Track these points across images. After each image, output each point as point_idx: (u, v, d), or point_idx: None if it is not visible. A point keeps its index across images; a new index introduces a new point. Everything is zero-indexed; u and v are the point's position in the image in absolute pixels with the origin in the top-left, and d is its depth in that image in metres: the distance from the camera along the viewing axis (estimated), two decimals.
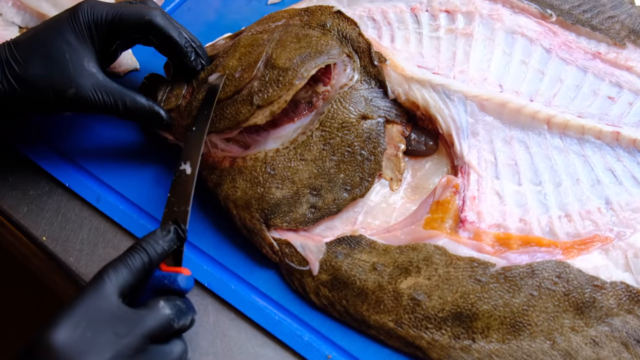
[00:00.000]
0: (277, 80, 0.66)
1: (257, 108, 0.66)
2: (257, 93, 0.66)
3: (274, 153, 0.67)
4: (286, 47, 0.68)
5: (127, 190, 0.72)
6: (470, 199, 0.65)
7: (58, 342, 0.47)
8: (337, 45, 0.69)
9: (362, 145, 0.67)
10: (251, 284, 0.65)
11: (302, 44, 0.68)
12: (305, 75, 0.66)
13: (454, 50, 0.73)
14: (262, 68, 0.67)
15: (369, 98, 0.69)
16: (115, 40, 0.68)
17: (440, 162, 0.71)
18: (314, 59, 0.67)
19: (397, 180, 0.69)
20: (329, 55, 0.68)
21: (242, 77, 0.68)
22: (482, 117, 0.69)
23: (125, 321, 0.50)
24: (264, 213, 0.65)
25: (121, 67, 0.79)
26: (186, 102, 0.70)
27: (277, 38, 0.70)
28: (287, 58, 0.67)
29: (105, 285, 0.51)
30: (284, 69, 0.66)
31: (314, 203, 0.66)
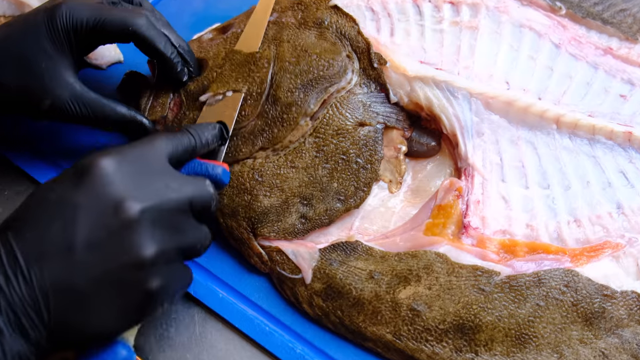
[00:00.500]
0: (281, 119, 0.67)
1: (259, 149, 0.67)
2: (260, 133, 0.67)
3: (262, 159, 0.67)
4: (285, 71, 0.69)
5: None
6: (474, 203, 0.66)
7: (107, 168, 0.48)
8: (339, 62, 0.70)
9: (358, 152, 0.67)
10: (240, 293, 0.66)
11: (302, 66, 0.69)
12: (309, 113, 0.67)
13: (458, 44, 0.73)
14: (264, 101, 0.68)
15: (368, 103, 0.70)
16: (96, 46, 0.67)
17: (442, 163, 0.71)
18: (317, 88, 0.68)
19: (396, 183, 0.70)
20: (333, 80, 0.69)
21: (245, 109, 0.68)
22: (487, 115, 0.69)
23: (176, 178, 0.51)
24: (251, 222, 0.65)
25: (104, 59, 0.79)
26: (173, 115, 0.70)
27: (275, 54, 0.70)
28: (288, 89, 0.68)
29: (157, 144, 0.53)
30: (287, 104, 0.67)
31: (304, 213, 0.66)
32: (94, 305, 0.46)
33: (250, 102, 0.68)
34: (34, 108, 0.63)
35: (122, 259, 0.46)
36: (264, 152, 0.67)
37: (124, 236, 0.46)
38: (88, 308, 0.46)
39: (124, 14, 0.64)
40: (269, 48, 0.71)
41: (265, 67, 0.69)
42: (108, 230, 0.46)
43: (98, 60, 0.79)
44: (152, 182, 0.49)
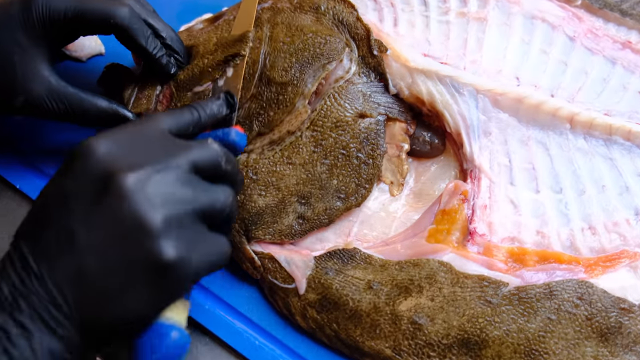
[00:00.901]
0: (277, 100, 0.67)
1: (257, 135, 0.67)
2: (256, 117, 0.67)
3: (257, 155, 0.67)
4: (280, 51, 0.68)
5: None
6: (481, 208, 0.66)
7: (100, 147, 0.48)
8: (336, 40, 0.69)
9: (359, 147, 0.67)
10: (228, 304, 0.65)
11: (297, 44, 0.68)
12: (307, 93, 0.67)
13: (465, 36, 0.73)
14: (257, 82, 0.68)
15: (368, 93, 0.69)
16: (75, 38, 0.67)
17: (447, 164, 0.71)
18: (313, 66, 0.68)
19: (398, 185, 0.69)
20: (330, 56, 0.68)
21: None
22: (495, 114, 0.69)
23: (175, 144, 0.51)
24: (244, 223, 0.65)
25: (84, 50, 0.79)
26: (163, 108, 0.70)
27: (268, 34, 0.70)
28: (282, 68, 0.67)
29: (157, 119, 0.54)
30: (282, 84, 0.67)
31: (302, 213, 0.66)
32: (112, 291, 0.46)
33: (242, 84, 0.68)
34: (7, 104, 0.62)
35: (126, 233, 0.46)
36: (260, 141, 0.67)
37: (124, 209, 0.46)
38: (106, 295, 0.46)
39: (105, 4, 0.63)
40: (262, 29, 0.71)
41: (257, 48, 0.69)
42: (106, 210, 0.46)
43: (77, 52, 0.79)
44: (149, 148, 0.49)
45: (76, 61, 0.80)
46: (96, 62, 0.80)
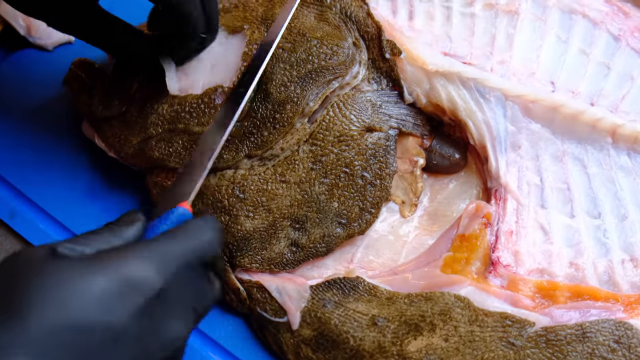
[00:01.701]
0: (273, 119, 0.66)
1: (244, 157, 0.66)
2: (247, 137, 0.66)
3: (245, 171, 0.67)
4: (279, 60, 0.68)
5: (51, 205, 0.72)
6: (506, 234, 0.65)
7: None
8: (345, 50, 0.69)
9: (365, 165, 0.67)
10: (211, 338, 0.65)
11: (299, 53, 0.68)
12: (307, 112, 0.67)
13: (492, 32, 0.72)
14: (252, 94, 0.66)
15: (378, 103, 0.69)
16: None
17: (468, 182, 0.71)
18: (317, 82, 0.67)
19: (410, 205, 0.69)
20: (337, 71, 0.68)
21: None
22: (526, 124, 0.69)
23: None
24: (228, 249, 0.65)
25: (50, 38, 0.79)
26: (138, 110, 0.69)
27: (265, 37, 0.69)
28: (281, 83, 0.67)
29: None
30: (280, 101, 0.66)
31: (295, 239, 0.65)
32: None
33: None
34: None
35: None
36: (249, 160, 0.67)
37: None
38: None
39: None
40: (259, 30, 0.70)
41: (252, 55, 0.68)
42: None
43: (43, 40, 0.79)
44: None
45: (41, 50, 0.80)
46: (64, 52, 0.80)
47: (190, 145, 0.66)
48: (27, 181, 0.73)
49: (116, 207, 0.73)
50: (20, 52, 0.73)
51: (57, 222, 0.71)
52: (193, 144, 0.66)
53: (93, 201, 0.72)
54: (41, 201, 0.72)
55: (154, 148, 0.68)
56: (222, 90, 0.67)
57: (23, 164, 0.75)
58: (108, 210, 0.72)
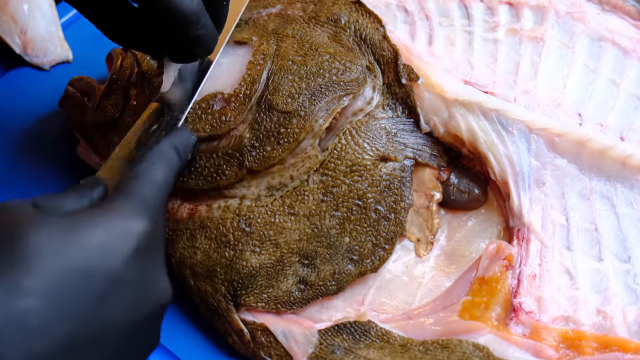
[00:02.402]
0: (277, 133, 0.65)
1: (247, 173, 0.65)
2: (248, 150, 0.65)
3: (252, 202, 0.66)
4: (287, 71, 0.67)
5: None
6: (529, 278, 0.64)
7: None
8: (358, 68, 0.68)
9: (379, 197, 0.66)
10: None
11: (309, 66, 0.67)
12: (316, 130, 0.66)
13: (516, 60, 0.72)
14: (255, 105, 0.66)
15: (393, 131, 0.69)
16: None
17: (488, 220, 0.70)
18: (326, 96, 0.66)
19: (426, 243, 0.69)
20: (348, 88, 0.67)
21: (225, 114, 0.66)
22: (551, 159, 0.68)
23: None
24: (232, 286, 0.64)
25: (47, 56, 0.79)
26: (131, 116, 0.69)
27: (274, 49, 0.69)
28: (289, 94, 0.66)
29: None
30: (286, 113, 0.65)
31: (304, 277, 0.65)
32: None
33: (234, 104, 0.66)
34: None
35: None
36: (255, 187, 0.66)
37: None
38: None
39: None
40: (268, 42, 0.70)
41: (260, 64, 0.68)
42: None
43: (39, 58, 0.79)
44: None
45: (37, 69, 0.80)
46: (61, 71, 0.80)
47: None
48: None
49: None
50: (16, 71, 0.73)
51: None
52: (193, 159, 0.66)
53: None
54: None
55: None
56: (222, 96, 0.67)
57: (17, 185, 0.75)
58: None
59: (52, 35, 0.79)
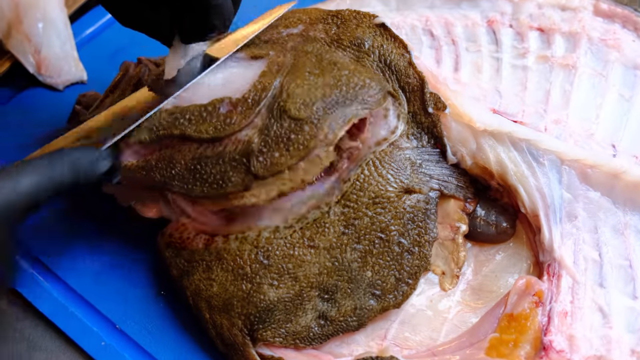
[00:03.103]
0: (287, 139, 0.64)
1: (255, 178, 0.64)
2: (255, 155, 0.64)
3: (270, 233, 0.66)
4: (303, 80, 0.66)
5: (56, 262, 0.73)
6: (560, 316, 0.64)
7: None
8: (378, 84, 0.68)
9: (402, 230, 0.66)
10: None
11: (326, 78, 0.67)
12: (329, 139, 0.65)
13: (547, 88, 0.72)
14: (265, 111, 0.66)
15: (418, 162, 0.69)
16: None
17: (517, 254, 0.70)
18: (343, 106, 0.66)
19: (452, 277, 0.69)
20: (367, 102, 0.66)
21: (231, 117, 0.66)
22: (584, 191, 0.68)
23: None
24: (249, 320, 0.64)
25: (60, 77, 0.80)
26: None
27: (291, 62, 0.69)
28: (303, 102, 0.65)
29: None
30: (298, 119, 0.65)
31: (324, 312, 0.65)
32: None
33: (241, 108, 0.66)
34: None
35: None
36: (264, 194, 0.65)
37: None
38: None
39: None
40: (284, 55, 0.70)
41: (273, 74, 0.67)
42: None
43: (53, 78, 0.79)
44: None
45: (51, 89, 0.80)
46: (75, 92, 0.80)
47: (194, 166, 0.65)
48: (26, 231, 0.74)
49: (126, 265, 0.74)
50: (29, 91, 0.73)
51: (59, 279, 0.72)
52: (197, 165, 0.65)
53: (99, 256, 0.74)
54: (41, 254, 0.73)
55: (155, 169, 0.66)
56: (230, 100, 0.66)
57: (39, 227, 0.75)
58: (117, 270, 0.73)
59: (67, 54, 0.80)
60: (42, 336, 0.69)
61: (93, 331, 0.69)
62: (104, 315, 0.70)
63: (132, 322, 0.69)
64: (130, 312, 0.70)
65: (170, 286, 0.70)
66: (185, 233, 0.68)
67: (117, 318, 0.70)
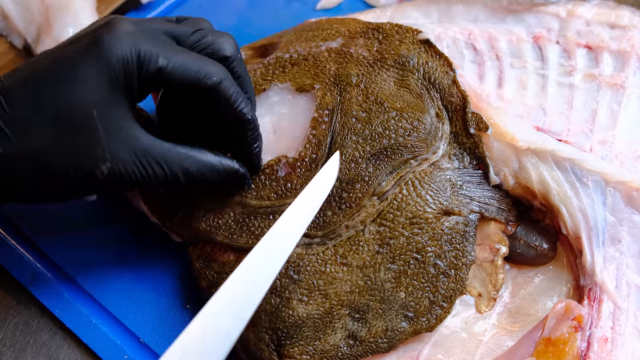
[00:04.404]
0: (340, 198, 0.67)
1: (304, 237, 0.67)
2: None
3: (302, 249, 0.67)
4: (351, 131, 0.69)
5: (79, 272, 0.74)
6: (600, 342, 0.64)
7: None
8: (427, 123, 0.70)
9: (439, 252, 0.67)
10: None
11: (375, 126, 0.69)
12: (378, 192, 0.67)
13: (594, 107, 0.73)
14: (320, 167, 0.68)
15: (459, 183, 0.70)
16: (152, 90, 0.67)
17: (557, 277, 0.70)
18: (392, 160, 0.68)
19: (488, 299, 0.69)
20: (416, 151, 0.69)
21: (291, 181, 0.68)
22: (628, 215, 0.69)
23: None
24: (276, 335, 0.65)
25: None
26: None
27: (338, 102, 0.70)
28: (352, 158, 0.68)
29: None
30: (349, 180, 0.67)
31: (354, 331, 0.65)
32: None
33: (300, 170, 0.68)
34: (86, 179, 0.61)
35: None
36: (307, 238, 0.67)
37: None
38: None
39: (201, 59, 0.63)
40: (331, 92, 0.71)
41: (325, 122, 0.70)
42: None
43: None
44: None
45: None
46: None
47: (243, 218, 0.67)
48: (53, 243, 0.75)
49: (150, 277, 0.75)
50: None
51: (83, 291, 0.74)
52: (246, 218, 0.67)
53: (126, 269, 0.75)
54: (67, 266, 0.74)
55: (201, 219, 0.69)
56: (287, 161, 0.68)
57: (50, 223, 0.77)
58: (141, 282, 0.74)
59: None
60: (62, 346, 0.70)
61: (116, 344, 0.70)
62: (127, 328, 0.71)
63: (156, 335, 0.71)
64: (155, 326, 0.71)
65: (196, 298, 0.71)
66: (217, 246, 0.69)
67: (141, 331, 0.71)
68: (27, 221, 0.77)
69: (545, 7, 0.81)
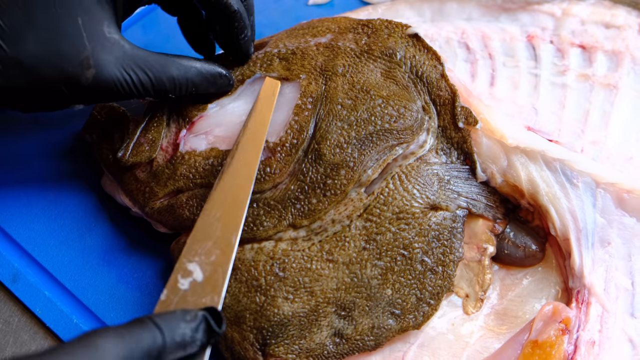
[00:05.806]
0: (324, 185, 0.68)
1: (289, 226, 0.68)
2: (292, 203, 0.68)
3: (288, 245, 0.68)
4: (336, 117, 0.70)
5: (60, 270, 0.76)
6: (587, 345, 0.66)
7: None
8: (414, 114, 0.71)
9: (426, 248, 0.68)
10: None
11: (360, 112, 0.70)
12: (364, 181, 0.69)
13: (586, 107, 0.74)
14: (301, 156, 0.69)
15: (446, 178, 0.71)
16: (136, 7, 0.72)
17: (545, 279, 0.72)
18: (378, 146, 0.69)
19: (476, 300, 0.70)
20: (402, 137, 0.70)
21: (270, 165, 0.69)
22: (619, 217, 0.70)
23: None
24: (261, 334, 0.66)
25: None
26: (166, 160, 0.72)
27: (323, 91, 0.72)
28: (337, 144, 0.69)
29: (101, 349, 0.50)
30: (334, 165, 0.68)
31: (340, 329, 0.66)
32: None
33: (280, 155, 0.69)
34: (70, 87, 0.64)
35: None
36: (293, 231, 0.68)
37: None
38: None
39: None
40: (316, 81, 0.73)
41: (309, 109, 0.71)
42: None
43: None
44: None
45: None
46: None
47: None
48: (34, 240, 0.77)
49: (133, 276, 0.76)
50: None
51: (67, 292, 0.75)
52: None
53: (109, 268, 0.76)
54: (48, 264, 0.76)
55: (184, 205, 0.70)
56: (267, 145, 0.69)
57: (32, 220, 0.78)
58: (124, 281, 0.75)
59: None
60: (42, 346, 0.71)
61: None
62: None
63: None
64: None
65: None
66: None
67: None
68: (7, 218, 0.78)
69: (541, 5, 0.83)
